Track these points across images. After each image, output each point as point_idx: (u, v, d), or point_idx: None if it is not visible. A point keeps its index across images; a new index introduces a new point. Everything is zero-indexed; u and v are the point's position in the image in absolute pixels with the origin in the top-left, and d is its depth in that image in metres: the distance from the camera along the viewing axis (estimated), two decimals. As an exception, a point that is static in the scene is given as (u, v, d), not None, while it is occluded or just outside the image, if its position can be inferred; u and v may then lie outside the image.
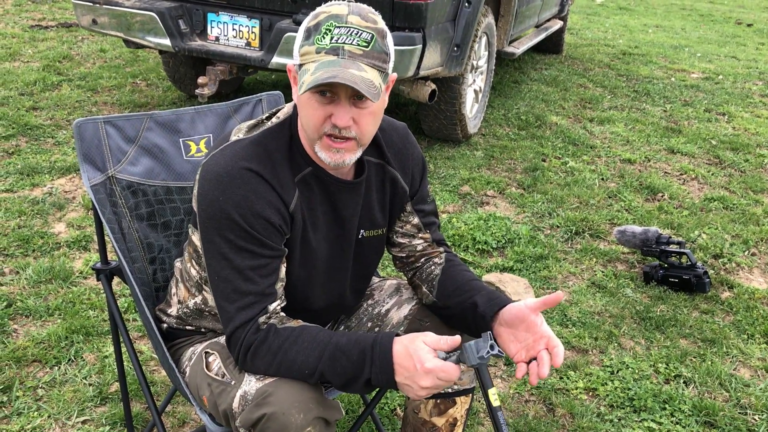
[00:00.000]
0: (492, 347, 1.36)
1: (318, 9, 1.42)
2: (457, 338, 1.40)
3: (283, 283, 1.51)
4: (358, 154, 1.48)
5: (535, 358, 1.47)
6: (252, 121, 1.56)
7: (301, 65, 1.41)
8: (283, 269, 1.50)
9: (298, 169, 1.51)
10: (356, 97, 1.40)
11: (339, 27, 1.38)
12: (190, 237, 1.64)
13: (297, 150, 1.51)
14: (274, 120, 1.54)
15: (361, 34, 1.38)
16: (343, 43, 1.37)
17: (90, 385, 2.40)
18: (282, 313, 1.49)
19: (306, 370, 1.40)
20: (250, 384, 1.43)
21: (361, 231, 1.65)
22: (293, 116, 1.53)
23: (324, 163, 1.50)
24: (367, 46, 1.39)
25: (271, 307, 1.46)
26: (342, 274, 1.67)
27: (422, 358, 1.36)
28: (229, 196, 1.42)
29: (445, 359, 1.38)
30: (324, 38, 1.38)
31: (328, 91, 1.39)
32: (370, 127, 1.46)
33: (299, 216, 1.51)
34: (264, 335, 1.43)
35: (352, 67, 1.36)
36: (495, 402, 1.43)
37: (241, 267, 1.43)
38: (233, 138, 1.51)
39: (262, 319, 1.44)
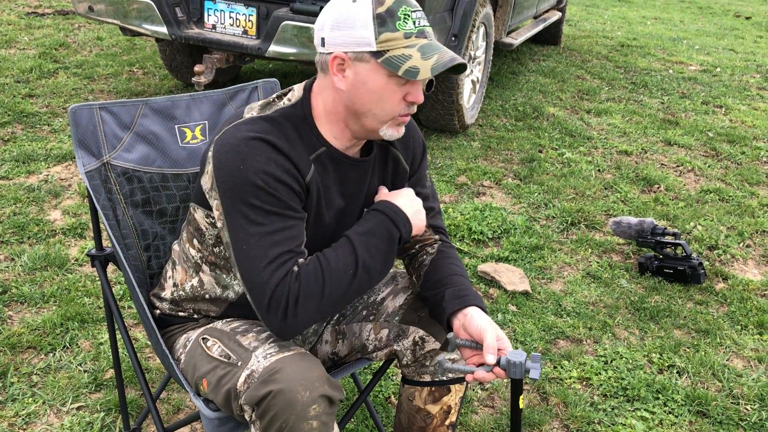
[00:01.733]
0: (540, 368, 1.46)
1: None
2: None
3: (305, 246, 1.54)
4: None
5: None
6: (263, 101, 1.58)
7: (380, 52, 1.43)
8: (304, 232, 1.52)
9: (313, 149, 1.54)
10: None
11: (414, 11, 1.46)
12: (191, 216, 1.65)
13: (311, 130, 1.54)
14: (285, 101, 1.56)
15: (424, 15, 1.49)
16: (424, 26, 1.48)
17: (85, 371, 2.40)
18: None
19: (350, 270, 1.48)
20: (257, 363, 1.44)
21: (365, 208, 1.68)
22: (304, 98, 1.55)
23: (339, 144, 1.57)
24: (430, 27, 1.50)
25: (300, 260, 1.48)
26: None
27: (396, 193, 1.62)
28: (250, 164, 1.43)
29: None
30: (407, 23, 1.44)
31: None
32: None
33: (314, 189, 1.54)
34: (297, 273, 1.45)
35: (442, 46, 1.48)
36: (522, 405, 1.56)
37: (270, 230, 1.44)
38: (246, 116, 1.53)
39: (295, 269, 1.46)
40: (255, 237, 1.44)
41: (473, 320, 1.56)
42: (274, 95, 1.60)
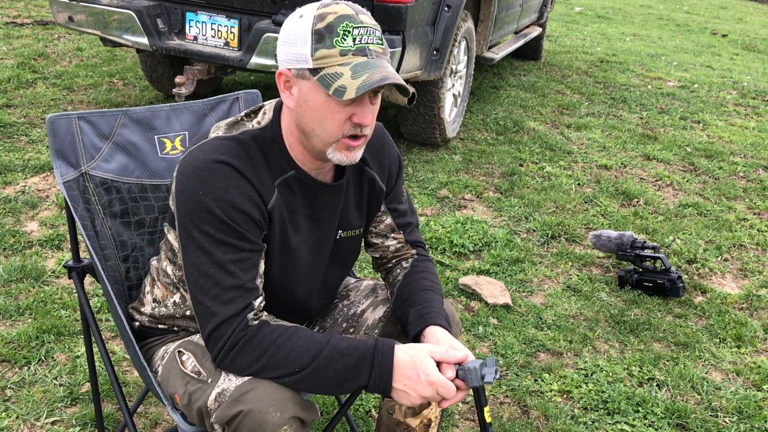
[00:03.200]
0: (496, 372, 1.41)
1: (315, 11, 1.38)
2: (465, 354, 1.44)
3: (262, 280, 1.49)
4: (363, 149, 1.49)
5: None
6: (230, 120, 1.54)
7: (316, 69, 1.37)
8: (262, 265, 1.48)
9: (280, 172, 1.50)
10: (373, 94, 1.42)
11: (357, 27, 1.38)
12: (166, 236, 1.62)
13: (280, 153, 1.50)
14: (255, 123, 1.52)
15: (375, 32, 1.41)
16: (367, 43, 1.39)
17: (60, 385, 2.36)
18: (264, 311, 1.48)
19: (296, 369, 1.38)
20: (229, 382, 1.42)
21: (339, 231, 1.65)
22: (274, 120, 1.51)
23: (308, 166, 1.51)
24: (382, 44, 1.42)
25: (256, 303, 1.43)
26: (318, 274, 1.67)
27: (427, 369, 1.38)
28: (209, 189, 1.40)
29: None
30: (345, 39, 1.37)
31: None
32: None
33: (278, 216, 1.49)
34: (255, 330, 1.40)
35: (385, 65, 1.39)
36: (488, 419, 1.50)
37: (221, 261, 1.41)
38: (212, 135, 1.49)
39: (250, 315, 1.41)
40: (206, 265, 1.41)
41: (427, 340, 1.55)
42: (243, 113, 1.55)
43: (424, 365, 1.38)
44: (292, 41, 1.40)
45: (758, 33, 12.62)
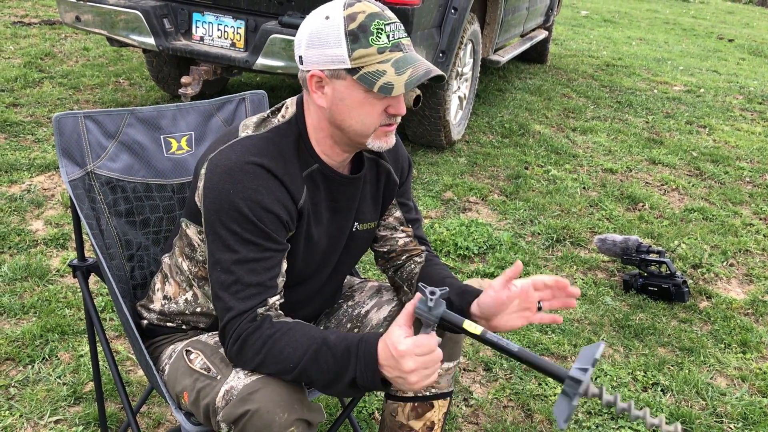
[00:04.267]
0: (433, 293, 1.30)
1: (343, 12, 1.41)
2: (411, 305, 1.35)
3: (284, 279, 1.50)
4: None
5: (540, 309, 1.52)
6: (258, 117, 1.56)
7: (355, 69, 1.40)
8: (284, 264, 1.50)
9: (306, 166, 1.53)
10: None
11: (388, 23, 1.43)
12: (183, 231, 1.63)
13: (305, 147, 1.53)
14: (280, 118, 1.55)
15: (400, 26, 1.46)
16: (399, 38, 1.44)
17: (64, 384, 2.36)
18: (279, 310, 1.49)
19: (290, 363, 1.38)
20: (237, 380, 1.42)
21: (356, 224, 1.68)
22: (298, 114, 1.54)
23: (331, 159, 1.55)
24: (408, 36, 1.46)
25: (271, 300, 1.45)
26: (330, 264, 1.69)
27: (394, 342, 1.31)
28: (240, 189, 1.42)
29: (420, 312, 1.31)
30: (380, 37, 1.41)
31: None
32: None
33: (306, 212, 1.52)
34: (258, 324, 1.42)
35: (420, 57, 1.44)
36: (476, 330, 1.32)
37: (245, 259, 1.43)
38: (242, 134, 1.51)
39: (260, 310, 1.43)
40: (229, 262, 1.43)
41: (483, 302, 1.50)
42: (269, 111, 1.58)
43: (391, 341, 1.31)
44: (323, 43, 1.42)
45: (765, 38, 12.59)
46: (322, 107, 1.48)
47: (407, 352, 1.30)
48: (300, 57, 1.46)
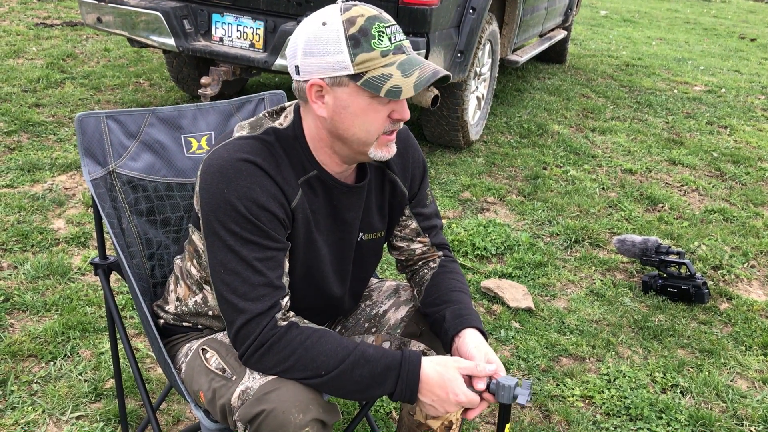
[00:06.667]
0: (529, 395, 1.42)
1: (340, 17, 1.38)
2: (495, 368, 1.45)
3: (288, 279, 1.49)
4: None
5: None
6: (253, 119, 1.55)
7: (358, 74, 1.38)
8: (287, 264, 1.49)
9: (303, 172, 1.50)
10: None
11: (387, 26, 1.40)
12: (190, 236, 1.63)
13: (303, 153, 1.50)
14: (278, 125, 1.52)
15: (399, 28, 1.43)
16: (401, 40, 1.41)
17: (85, 381, 2.39)
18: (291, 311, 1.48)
19: (322, 371, 1.39)
20: (253, 380, 1.42)
21: (361, 234, 1.66)
22: (296, 120, 1.51)
23: (331, 168, 1.52)
24: (407, 39, 1.45)
25: (283, 301, 1.44)
26: (342, 276, 1.67)
27: (457, 389, 1.41)
28: (234, 187, 1.40)
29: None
30: (382, 40, 1.38)
31: None
32: None
33: (301, 215, 1.50)
34: (284, 331, 1.40)
35: (423, 59, 1.43)
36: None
37: (248, 258, 1.41)
38: (236, 135, 1.50)
39: (279, 315, 1.42)
40: (232, 263, 1.41)
41: (465, 344, 1.56)
42: (264, 112, 1.56)
43: (453, 385, 1.41)
44: (322, 50, 1.38)
45: (788, 37, 12.43)
46: (323, 117, 1.44)
47: (463, 403, 1.43)
48: (296, 67, 1.42)
